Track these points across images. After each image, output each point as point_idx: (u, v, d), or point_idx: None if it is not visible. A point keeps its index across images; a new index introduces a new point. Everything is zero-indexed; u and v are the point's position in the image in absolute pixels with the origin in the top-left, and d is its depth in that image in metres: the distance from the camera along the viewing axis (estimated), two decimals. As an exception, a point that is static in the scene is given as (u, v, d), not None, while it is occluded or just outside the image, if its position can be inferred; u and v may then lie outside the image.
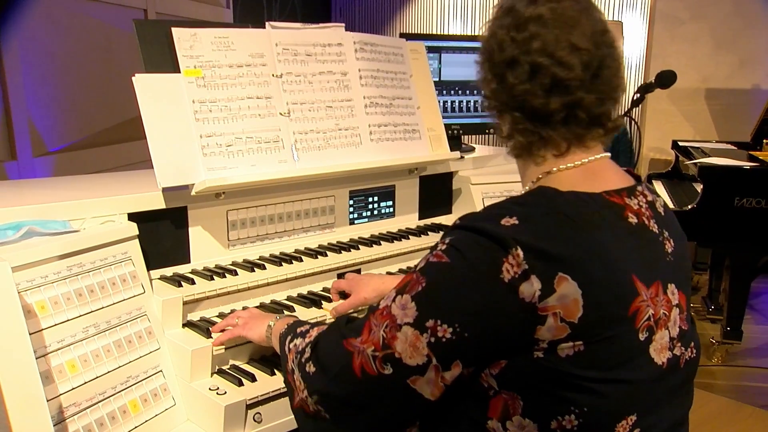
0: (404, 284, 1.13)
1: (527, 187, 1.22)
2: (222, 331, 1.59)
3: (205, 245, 1.81)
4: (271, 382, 1.53)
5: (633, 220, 1.14)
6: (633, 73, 6.19)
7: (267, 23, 1.87)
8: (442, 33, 8.41)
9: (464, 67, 2.52)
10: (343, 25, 2.01)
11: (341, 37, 1.99)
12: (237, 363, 1.61)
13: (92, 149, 3.81)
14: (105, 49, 3.83)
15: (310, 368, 1.23)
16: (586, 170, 1.18)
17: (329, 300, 1.81)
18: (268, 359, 1.63)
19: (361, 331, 1.16)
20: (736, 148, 4.64)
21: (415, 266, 1.15)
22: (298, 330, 1.37)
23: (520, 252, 1.01)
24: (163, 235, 1.72)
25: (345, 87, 1.97)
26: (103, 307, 1.48)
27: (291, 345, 1.34)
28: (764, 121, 4.71)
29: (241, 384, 1.51)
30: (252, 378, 1.53)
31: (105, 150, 3.89)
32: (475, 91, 2.57)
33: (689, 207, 3.69)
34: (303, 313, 1.71)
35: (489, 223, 1.06)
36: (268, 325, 1.51)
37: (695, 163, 3.83)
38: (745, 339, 3.88)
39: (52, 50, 3.43)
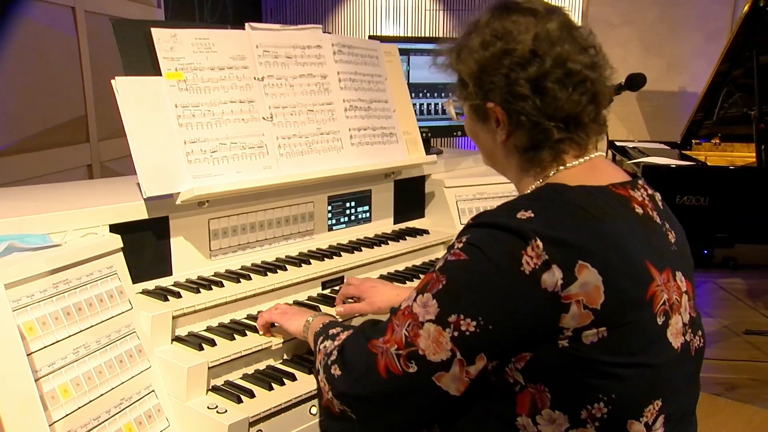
0: (424, 284, 1.15)
1: (532, 188, 1.23)
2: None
3: (186, 256, 1.73)
4: (270, 398, 1.47)
5: (639, 210, 1.18)
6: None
7: (246, 24, 1.80)
8: (385, 34, 8.42)
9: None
10: (321, 27, 1.97)
11: (320, 39, 1.94)
12: (230, 379, 1.55)
13: (22, 155, 3.59)
14: (33, 48, 3.62)
15: (336, 371, 1.24)
16: (589, 167, 1.22)
17: (317, 309, 1.76)
18: (263, 373, 1.58)
19: (384, 332, 1.18)
20: (669, 147, 4.83)
21: (434, 266, 1.16)
22: (330, 332, 1.37)
23: (540, 243, 1.04)
24: (144, 247, 1.64)
25: (325, 90, 1.93)
26: (92, 326, 1.39)
27: (321, 346, 1.35)
28: (693, 123, 4.92)
29: (240, 401, 1.44)
30: (250, 394, 1.47)
31: (36, 156, 3.68)
32: (444, 94, 2.57)
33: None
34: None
35: (505, 218, 1.09)
36: (307, 320, 1.52)
37: (637, 163, 3.96)
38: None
39: (-25, 49, 3.22)
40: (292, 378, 1.54)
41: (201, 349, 1.51)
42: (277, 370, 1.59)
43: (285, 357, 1.65)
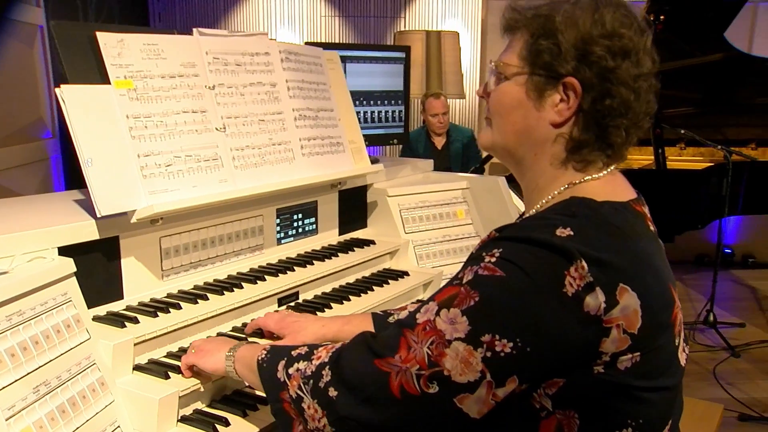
0: (448, 297, 1.05)
1: (555, 193, 1.18)
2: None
3: (138, 278, 1.61)
4: (246, 425, 1.39)
5: (652, 227, 1.18)
6: (468, 79, 6.52)
7: (194, 29, 1.70)
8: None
9: (369, 77, 2.48)
10: (267, 33, 1.90)
11: (267, 46, 1.87)
12: (199, 407, 1.45)
13: None
14: None
15: (333, 392, 1.11)
16: (608, 180, 1.17)
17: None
18: (231, 399, 1.49)
19: (396, 348, 1.07)
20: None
21: (458, 278, 1.08)
22: (294, 353, 1.23)
23: (584, 263, 0.99)
24: (94, 270, 1.51)
25: (275, 99, 1.86)
26: (50, 361, 1.26)
27: (291, 370, 1.19)
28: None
29: (215, 430, 1.36)
30: (225, 422, 1.39)
31: None
32: (381, 102, 2.54)
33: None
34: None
35: (545, 234, 1.03)
36: (227, 354, 1.36)
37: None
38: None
39: None
40: (265, 402, 1.46)
41: (167, 377, 1.41)
42: (247, 395, 1.50)
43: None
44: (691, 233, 4.60)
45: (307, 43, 2.27)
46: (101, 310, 1.52)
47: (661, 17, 4.22)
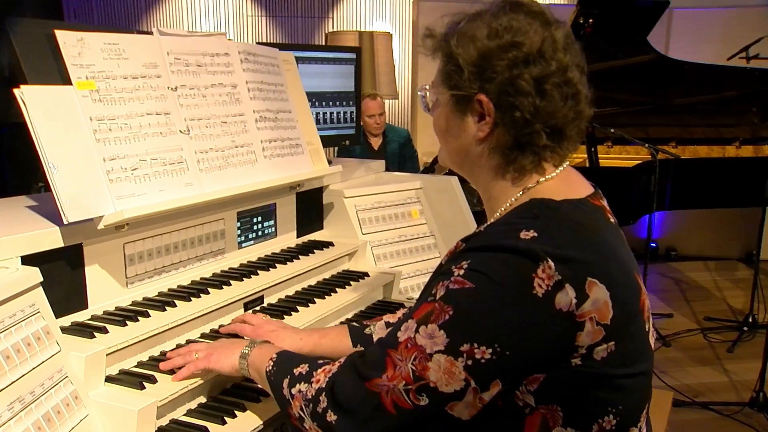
0: (425, 314, 1.09)
1: (512, 200, 1.21)
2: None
3: (102, 286, 1.55)
4: (226, 433, 1.37)
5: (612, 219, 1.22)
6: (401, 79, 6.57)
7: (154, 29, 1.65)
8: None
9: (320, 78, 2.46)
10: (225, 33, 1.86)
11: (227, 46, 1.83)
12: (176, 417, 1.41)
13: None
14: None
15: (331, 417, 1.15)
16: (563, 179, 1.21)
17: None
18: (208, 407, 1.46)
19: (383, 368, 1.11)
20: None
21: (431, 293, 1.10)
22: (296, 372, 1.25)
23: (551, 263, 1.02)
24: (57, 279, 1.44)
25: (236, 100, 1.82)
26: (23, 375, 1.20)
27: (294, 390, 1.23)
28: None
29: (195, 441, 1.33)
30: (204, 431, 1.35)
31: None
32: (332, 103, 2.53)
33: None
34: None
35: (509, 240, 1.06)
36: (241, 353, 1.39)
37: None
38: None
39: None
40: (242, 408, 1.44)
41: (142, 387, 1.37)
42: (224, 401, 1.48)
43: (226, 387, 1.53)
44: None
45: (258, 44, 2.24)
46: (66, 320, 1.46)
47: (590, 21, 4.37)
